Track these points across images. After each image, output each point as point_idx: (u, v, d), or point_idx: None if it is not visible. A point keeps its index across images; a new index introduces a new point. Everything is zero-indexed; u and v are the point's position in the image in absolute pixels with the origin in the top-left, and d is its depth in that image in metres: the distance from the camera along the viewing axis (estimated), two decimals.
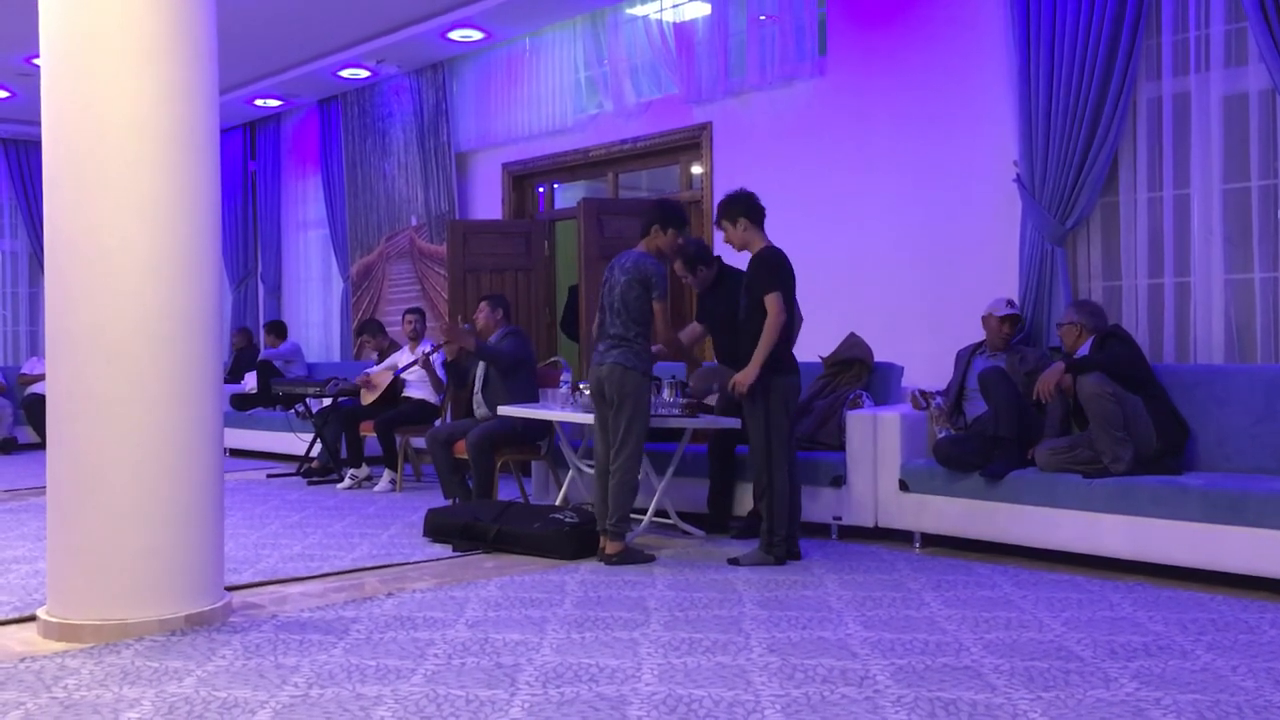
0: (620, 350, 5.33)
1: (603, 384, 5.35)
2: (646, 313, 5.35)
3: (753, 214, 5.33)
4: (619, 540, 5.28)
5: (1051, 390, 5.23)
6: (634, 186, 9.47)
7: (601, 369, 5.36)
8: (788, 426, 5.20)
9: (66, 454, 4.03)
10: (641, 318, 5.34)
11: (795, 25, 7.38)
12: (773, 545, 5.14)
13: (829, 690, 3.30)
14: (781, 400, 5.16)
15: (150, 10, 4.04)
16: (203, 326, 4.16)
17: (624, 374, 5.30)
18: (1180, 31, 5.72)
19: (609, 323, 5.40)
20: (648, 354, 5.39)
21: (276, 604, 4.52)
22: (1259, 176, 5.52)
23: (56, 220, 4.07)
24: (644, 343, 5.36)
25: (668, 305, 5.41)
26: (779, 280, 5.17)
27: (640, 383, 5.31)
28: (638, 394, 5.31)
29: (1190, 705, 3.13)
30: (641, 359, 5.33)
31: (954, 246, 6.61)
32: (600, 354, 5.40)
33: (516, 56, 9.30)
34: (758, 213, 5.34)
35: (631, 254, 5.47)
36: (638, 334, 5.34)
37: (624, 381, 5.29)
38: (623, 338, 5.34)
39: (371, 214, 10.78)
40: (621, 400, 5.30)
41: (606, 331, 5.40)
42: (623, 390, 5.29)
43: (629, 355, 5.31)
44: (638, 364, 5.32)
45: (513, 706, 3.18)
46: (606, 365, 5.34)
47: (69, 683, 3.44)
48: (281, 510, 7.02)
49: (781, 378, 5.16)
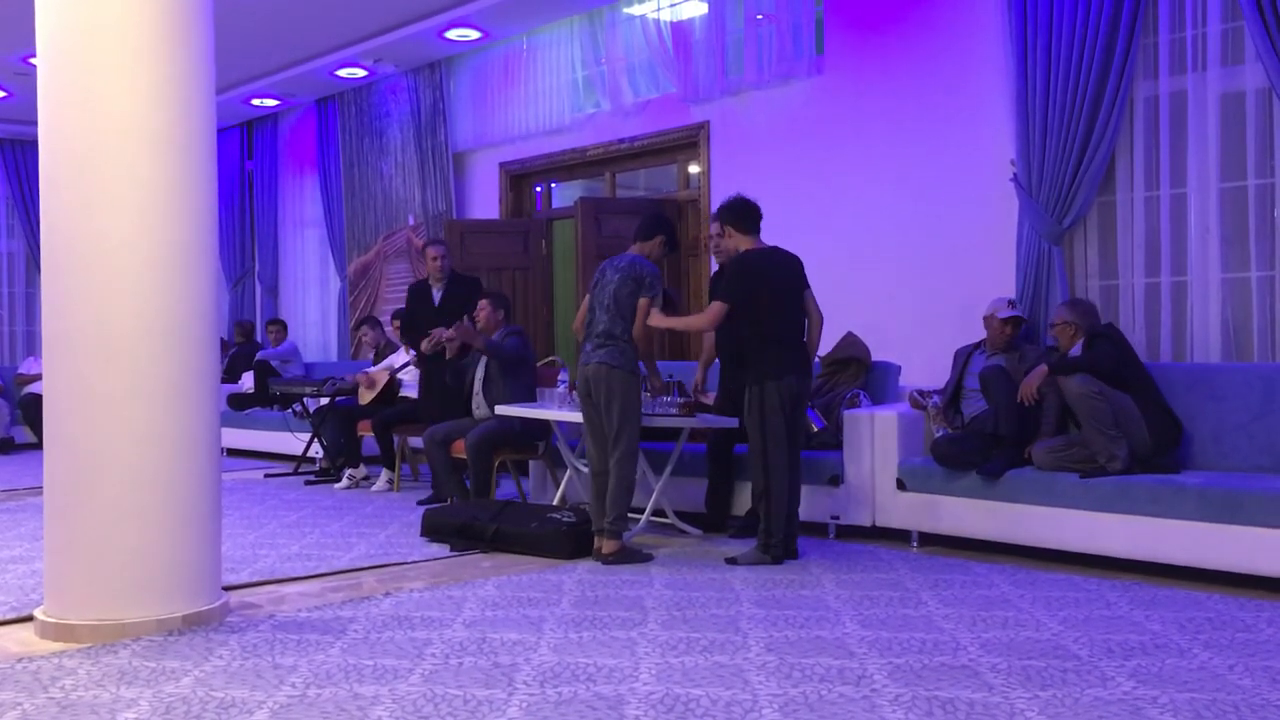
0: (607, 349, 5.33)
1: (589, 383, 5.36)
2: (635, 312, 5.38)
3: (739, 221, 5.36)
4: (616, 539, 5.28)
5: (1034, 393, 5.26)
6: (631, 186, 9.47)
7: (588, 368, 5.37)
8: (782, 429, 5.18)
9: (63, 453, 4.03)
10: (633, 316, 5.35)
11: (792, 24, 7.38)
12: (770, 546, 5.14)
13: (826, 689, 3.30)
14: (776, 403, 5.15)
15: (147, 9, 4.03)
16: (200, 326, 4.16)
17: (609, 373, 5.30)
18: (1177, 30, 5.72)
19: (598, 320, 5.40)
20: (634, 353, 5.39)
21: (274, 604, 4.52)
22: (1255, 175, 5.52)
23: (53, 220, 4.07)
24: (631, 342, 5.37)
25: (653, 306, 5.38)
26: (728, 287, 5.23)
27: (627, 380, 5.31)
28: (625, 392, 5.31)
29: (1187, 704, 3.14)
30: (628, 357, 5.34)
31: (951, 245, 6.61)
32: (587, 353, 5.41)
33: (514, 56, 9.30)
34: (745, 219, 5.36)
35: (626, 255, 5.50)
36: (625, 332, 5.34)
37: (610, 380, 5.30)
38: (610, 335, 5.34)
39: (369, 213, 10.77)
40: (609, 400, 5.30)
41: (594, 330, 5.41)
42: (609, 389, 5.30)
43: (614, 354, 5.32)
44: (624, 363, 5.32)
45: (510, 706, 3.18)
46: (593, 364, 5.35)
47: (66, 683, 3.44)
48: (279, 510, 7.01)
49: (773, 381, 5.15)
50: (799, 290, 5.33)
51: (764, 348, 5.18)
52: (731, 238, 5.38)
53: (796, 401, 5.20)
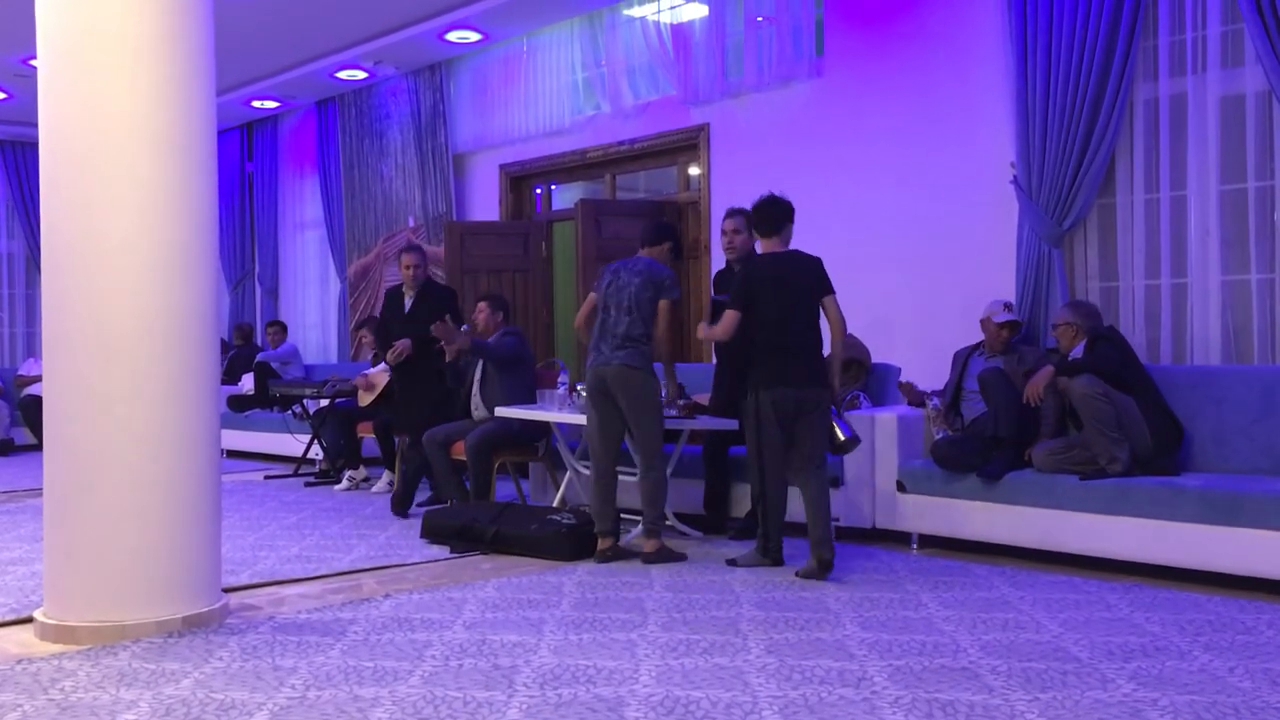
0: (627, 351, 5.35)
1: (608, 384, 5.36)
2: (654, 314, 5.44)
3: (756, 224, 5.31)
4: (656, 538, 5.33)
5: (1040, 394, 5.26)
6: (631, 188, 9.47)
7: (609, 369, 5.36)
8: (778, 437, 5.04)
9: (64, 455, 4.03)
10: (654, 319, 5.43)
11: (792, 26, 7.38)
12: (768, 549, 5.15)
13: (826, 691, 3.30)
14: (769, 413, 5.03)
15: (147, 11, 4.04)
16: (200, 327, 4.16)
17: (631, 374, 5.33)
18: (1177, 33, 5.72)
19: (616, 322, 5.41)
20: (651, 353, 5.43)
21: (274, 605, 4.52)
22: (1255, 178, 5.52)
23: (53, 221, 4.07)
24: (651, 345, 5.42)
25: (674, 308, 5.50)
26: (734, 293, 5.19)
27: (649, 382, 5.37)
28: (649, 394, 5.36)
29: (1187, 706, 3.14)
30: (647, 359, 5.39)
31: (951, 247, 6.61)
32: (606, 354, 5.39)
33: (514, 58, 9.30)
34: (761, 222, 5.25)
35: (641, 259, 5.56)
36: (645, 334, 5.39)
37: (631, 381, 5.33)
38: (629, 337, 5.36)
39: (369, 215, 10.78)
40: (632, 402, 5.34)
41: (613, 331, 5.41)
42: (631, 391, 5.33)
43: (636, 355, 5.34)
44: (645, 364, 5.36)
45: (510, 708, 3.17)
46: (614, 365, 5.35)
47: (66, 685, 3.44)
48: (279, 512, 7.01)
49: (764, 391, 5.01)
50: (809, 296, 5.12)
51: (758, 355, 5.10)
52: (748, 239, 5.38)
53: (798, 411, 5.02)
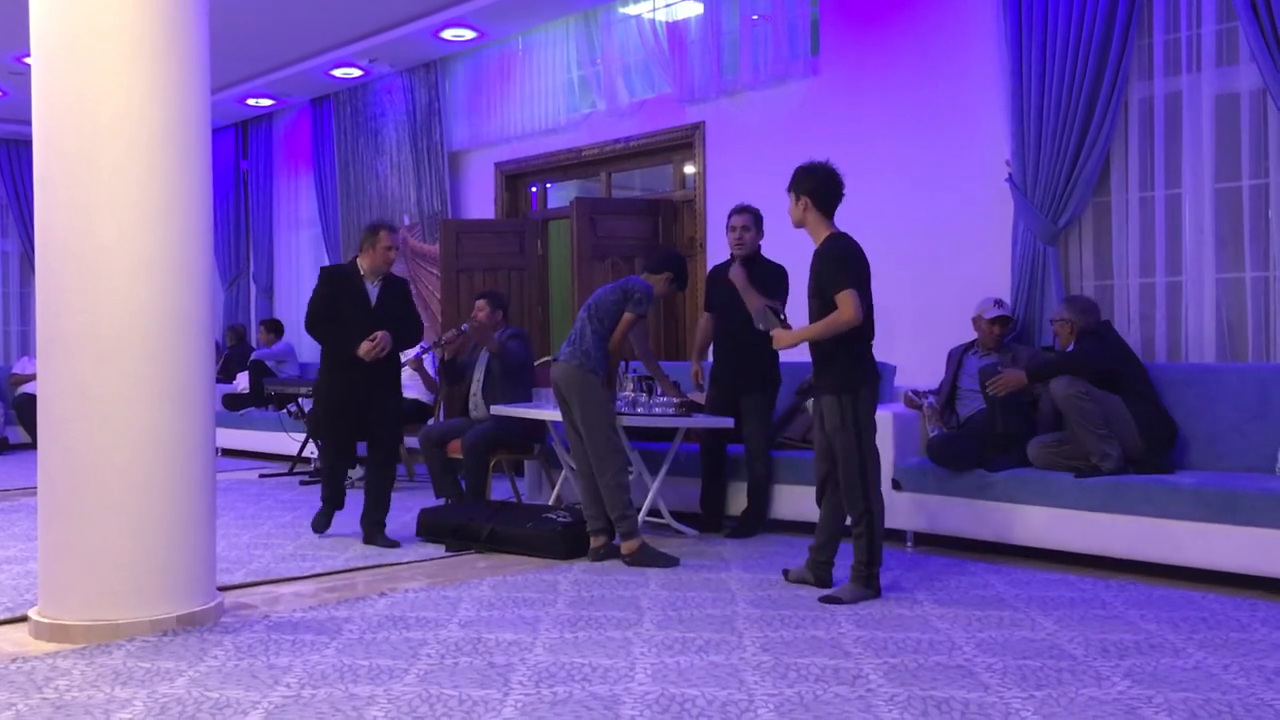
0: (571, 348, 5.43)
1: (559, 384, 5.43)
2: (615, 320, 5.44)
3: (828, 198, 4.61)
4: (632, 538, 5.22)
5: (1000, 390, 5.30)
6: (627, 186, 9.46)
7: (555, 368, 5.46)
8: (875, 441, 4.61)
9: (58, 454, 4.02)
10: (611, 324, 5.44)
11: (788, 24, 7.38)
12: (871, 578, 4.48)
13: (822, 689, 3.30)
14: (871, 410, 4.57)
15: (142, 8, 4.03)
16: (195, 326, 4.15)
17: (572, 372, 5.36)
18: (1172, 31, 5.73)
19: (582, 326, 5.47)
20: (599, 355, 5.40)
21: (269, 604, 4.51)
22: (1250, 176, 5.53)
23: (47, 219, 4.06)
24: (599, 345, 5.41)
25: (638, 323, 5.51)
26: (854, 274, 4.50)
27: (587, 380, 5.34)
28: (585, 391, 5.33)
29: (1182, 703, 3.14)
30: (589, 358, 5.38)
31: (946, 246, 6.61)
32: (562, 356, 5.47)
33: (509, 56, 9.29)
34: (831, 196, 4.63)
35: (635, 278, 5.63)
36: (595, 334, 5.40)
37: (572, 380, 5.35)
38: (582, 338, 5.42)
39: (364, 213, 10.75)
40: (575, 401, 5.35)
41: (574, 334, 5.50)
42: (572, 390, 5.36)
43: (577, 353, 5.39)
44: (585, 362, 5.37)
45: (506, 706, 3.17)
46: (559, 364, 5.44)
47: (60, 683, 3.43)
48: (274, 510, 7.00)
49: (867, 387, 4.56)
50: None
51: (858, 347, 4.55)
52: (808, 210, 4.58)
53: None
